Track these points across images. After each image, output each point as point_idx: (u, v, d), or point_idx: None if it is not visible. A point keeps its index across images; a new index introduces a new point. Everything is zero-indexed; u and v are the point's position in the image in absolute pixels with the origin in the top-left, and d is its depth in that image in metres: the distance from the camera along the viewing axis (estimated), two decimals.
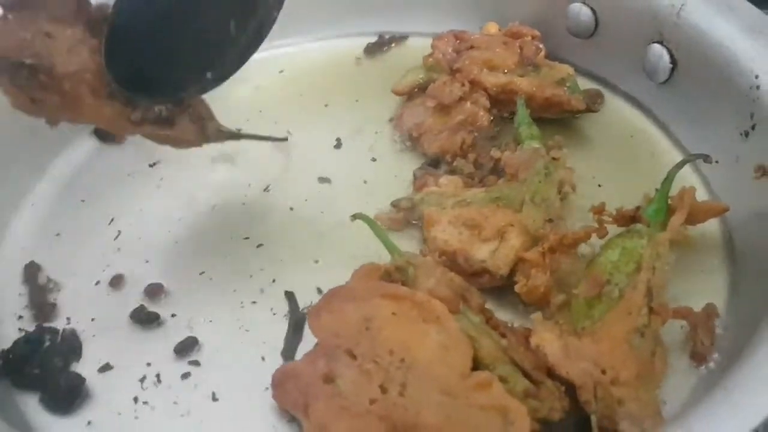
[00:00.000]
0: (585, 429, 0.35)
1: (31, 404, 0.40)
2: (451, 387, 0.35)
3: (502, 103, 0.51)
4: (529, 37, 0.54)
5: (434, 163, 0.50)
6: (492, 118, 0.51)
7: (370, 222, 0.43)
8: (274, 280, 0.45)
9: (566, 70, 0.52)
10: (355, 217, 0.43)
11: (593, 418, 0.35)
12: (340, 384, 0.36)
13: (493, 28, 0.56)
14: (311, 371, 0.37)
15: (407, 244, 0.45)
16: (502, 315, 0.41)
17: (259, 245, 0.47)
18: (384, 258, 0.42)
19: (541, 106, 0.51)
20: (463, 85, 0.51)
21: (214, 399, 0.40)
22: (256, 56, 0.59)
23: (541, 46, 0.53)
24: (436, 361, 0.36)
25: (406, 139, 0.52)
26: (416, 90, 0.54)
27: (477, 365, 0.36)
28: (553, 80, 0.51)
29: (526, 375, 0.36)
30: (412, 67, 0.55)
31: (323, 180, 0.51)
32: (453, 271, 0.41)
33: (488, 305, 0.40)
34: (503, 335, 0.38)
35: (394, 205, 0.48)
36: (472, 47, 0.53)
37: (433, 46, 0.54)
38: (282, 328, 0.43)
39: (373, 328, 0.37)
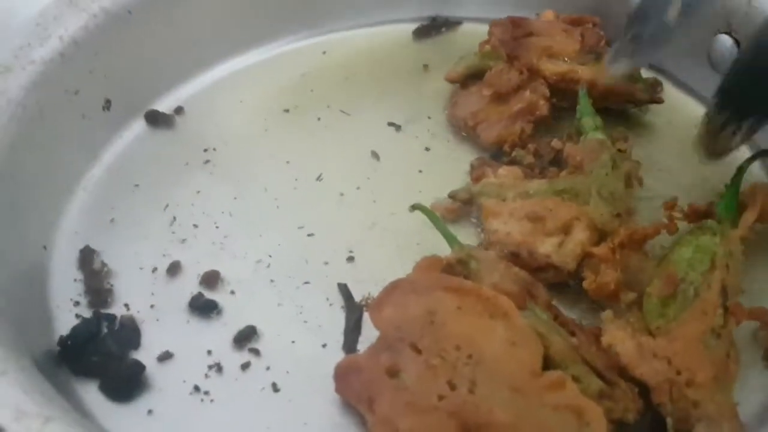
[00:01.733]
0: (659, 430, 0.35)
1: (91, 392, 0.39)
2: (523, 385, 0.34)
3: (562, 92, 0.50)
4: (591, 24, 0.52)
5: (496, 155, 0.49)
6: (552, 107, 0.50)
7: (429, 213, 0.42)
8: (326, 263, 0.45)
9: None
10: (414, 207, 0.42)
11: (669, 421, 0.34)
12: (404, 378, 0.35)
13: (550, 15, 0.55)
14: (374, 364, 0.36)
15: (462, 236, 0.44)
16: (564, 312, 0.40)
17: (310, 234, 0.46)
18: (438, 250, 0.41)
19: (603, 95, 0.49)
20: (521, 72, 0.50)
21: (275, 390, 0.39)
22: (302, 42, 0.59)
23: (602, 33, 0.52)
24: (505, 358, 0.35)
25: (462, 128, 0.51)
26: (470, 78, 0.53)
27: (547, 364, 0.35)
28: None
29: (599, 375, 0.35)
30: (466, 53, 0.54)
31: (375, 168, 0.50)
32: (515, 265, 0.41)
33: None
34: (573, 333, 0.37)
35: (452, 195, 0.47)
36: (531, 34, 0.52)
37: (490, 32, 0.53)
38: (339, 317, 0.42)
39: (437, 321, 0.36)
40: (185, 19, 0.54)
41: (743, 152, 0.47)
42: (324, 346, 0.41)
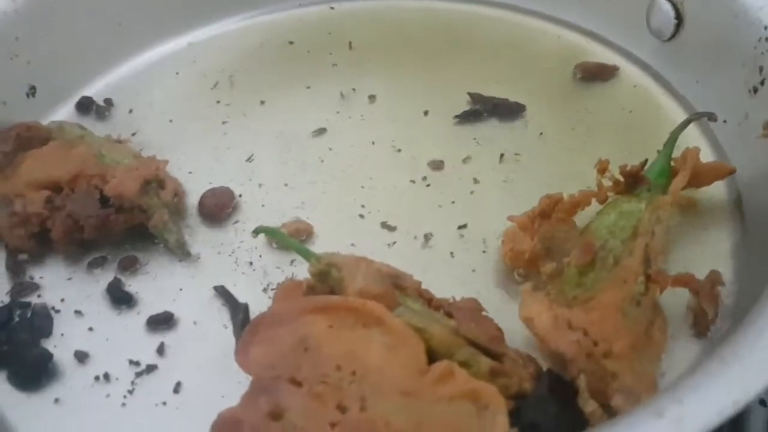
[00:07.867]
0: (563, 398, 0.33)
1: None
2: (412, 387, 0.32)
3: None
4: None
5: None
6: None
7: (274, 233, 0.41)
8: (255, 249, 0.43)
9: None
10: (257, 231, 0.41)
11: (582, 392, 0.33)
12: (290, 417, 0.31)
13: None
14: (254, 413, 0.32)
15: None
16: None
17: (236, 222, 0.45)
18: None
19: None
20: None
21: (186, 382, 0.38)
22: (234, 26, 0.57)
23: None
24: (388, 364, 0.32)
25: None
26: None
27: (434, 357, 0.33)
28: None
29: (486, 351, 0.33)
30: None
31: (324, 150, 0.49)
32: None
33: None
34: (449, 314, 0.35)
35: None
36: None
37: None
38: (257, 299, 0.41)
39: (311, 347, 0.33)
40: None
41: (678, 118, 0.46)
42: None
